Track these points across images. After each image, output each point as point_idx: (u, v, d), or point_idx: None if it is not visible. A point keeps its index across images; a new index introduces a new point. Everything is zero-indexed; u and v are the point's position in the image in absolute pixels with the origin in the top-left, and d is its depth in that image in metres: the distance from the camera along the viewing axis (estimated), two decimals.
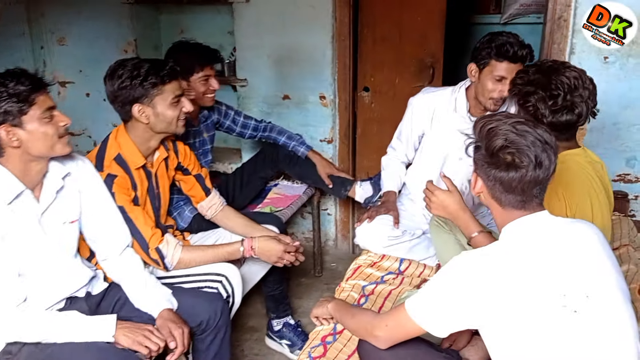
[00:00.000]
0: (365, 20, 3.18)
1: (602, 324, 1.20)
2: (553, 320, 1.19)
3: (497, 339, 1.27)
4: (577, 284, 1.21)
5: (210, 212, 2.35)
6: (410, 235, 2.41)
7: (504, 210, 1.34)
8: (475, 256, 1.29)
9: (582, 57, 2.62)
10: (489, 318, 1.24)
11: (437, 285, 1.32)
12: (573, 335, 1.19)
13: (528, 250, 1.26)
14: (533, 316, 1.19)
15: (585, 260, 1.26)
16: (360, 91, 3.31)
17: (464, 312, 1.27)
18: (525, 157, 1.26)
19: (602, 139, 2.71)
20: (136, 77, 1.91)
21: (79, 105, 3.79)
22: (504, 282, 1.22)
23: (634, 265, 2.16)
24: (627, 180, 2.73)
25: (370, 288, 2.15)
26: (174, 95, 1.99)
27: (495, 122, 1.33)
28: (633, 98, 2.61)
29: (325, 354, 1.76)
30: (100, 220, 1.89)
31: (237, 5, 3.25)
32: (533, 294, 1.20)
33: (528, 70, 1.80)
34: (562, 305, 1.18)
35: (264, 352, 2.66)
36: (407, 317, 1.35)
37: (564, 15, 2.61)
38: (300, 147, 2.95)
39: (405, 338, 1.42)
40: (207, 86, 2.53)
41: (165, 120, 2.00)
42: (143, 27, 3.63)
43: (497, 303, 1.22)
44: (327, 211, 3.56)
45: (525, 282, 1.21)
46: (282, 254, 2.14)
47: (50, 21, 3.66)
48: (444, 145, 2.41)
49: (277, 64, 3.29)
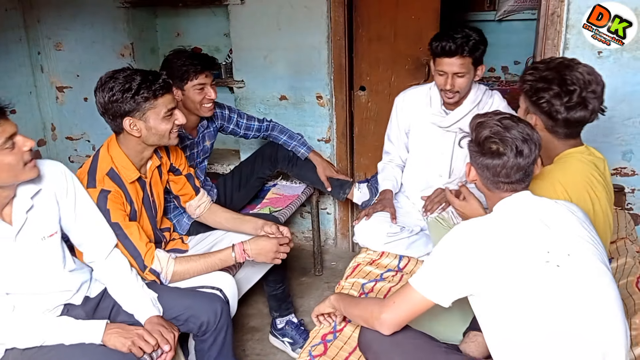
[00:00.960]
0: (360, 19, 3.19)
1: (583, 277, 1.34)
2: (538, 275, 1.32)
3: (488, 304, 1.38)
4: (560, 243, 1.36)
5: (198, 210, 2.35)
6: (409, 232, 2.43)
7: (493, 193, 1.51)
8: (470, 226, 1.43)
9: (576, 52, 2.63)
10: (484, 281, 1.36)
11: (437, 256, 1.44)
12: (557, 287, 1.31)
13: (516, 219, 1.41)
14: (521, 273, 1.32)
15: (566, 227, 1.40)
16: (357, 90, 3.33)
17: (462, 278, 1.39)
18: (507, 146, 1.43)
19: (597, 132, 2.71)
20: (128, 90, 1.86)
21: (77, 110, 3.82)
22: (496, 247, 1.36)
23: (631, 259, 2.17)
24: (623, 174, 2.74)
25: (369, 286, 2.17)
26: (167, 108, 1.94)
27: (484, 117, 1.52)
28: (628, 92, 2.62)
29: (326, 352, 1.77)
30: (82, 224, 1.85)
31: (233, 7, 3.27)
32: (520, 253, 1.34)
33: (538, 67, 1.80)
34: (546, 260, 1.32)
35: (265, 351, 2.67)
36: (413, 290, 1.45)
37: (557, 11, 2.62)
38: (300, 147, 2.94)
39: (413, 315, 1.48)
40: (203, 95, 2.45)
41: (158, 133, 1.96)
42: (139, 31, 3.65)
43: (490, 266, 1.35)
44: (326, 210, 3.57)
45: (514, 245, 1.35)
46: (277, 251, 2.11)
47: (47, 27, 3.68)
48: (425, 139, 2.51)
49: (274, 65, 3.30)
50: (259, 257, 2.11)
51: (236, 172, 3.01)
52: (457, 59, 2.21)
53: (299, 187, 3.19)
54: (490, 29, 4.79)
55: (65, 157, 3.98)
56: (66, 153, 3.98)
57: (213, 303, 1.98)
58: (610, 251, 2.25)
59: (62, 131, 3.94)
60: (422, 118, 2.49)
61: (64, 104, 3.85)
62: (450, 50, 2.20)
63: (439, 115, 2.43)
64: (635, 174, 2.73)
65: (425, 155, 2.52)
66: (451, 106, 2.41)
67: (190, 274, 2.04)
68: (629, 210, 2.75)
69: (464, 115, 2.36)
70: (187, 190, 2.31)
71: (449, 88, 2.28)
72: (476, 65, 2.29)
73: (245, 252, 2.08)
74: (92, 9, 3.56)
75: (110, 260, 1.91)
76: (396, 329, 1.51)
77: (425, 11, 3.09)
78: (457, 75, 2.25)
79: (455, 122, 2.39)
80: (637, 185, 2.74)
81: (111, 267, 1.90)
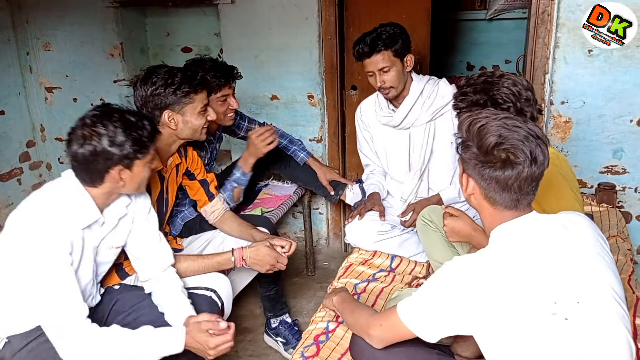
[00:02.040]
0: (351, 19, 3.19)
1: (593, 329, 1.18)
2: (544, 328, 1.17)
3: (490, 343, 1.25)
4: (568, 289, 1.19)
5: (212, 216, 2.35)
6: (400, 230, 2.44)
7: (495, 210, 1.31)
8: (467, 262, 1.28)
9: (567, 50, 2.64)
10: (480, 324, 1.24)
11: (429, 291, 1.32)
12: (564, 342, 1.17)
13: (518, 256, 1.24)
14: (524, 323, 1.18)
15: (576, 262, 1.23)
16: (348, 90, 3.32)
17: (454, 318, 1.26)
18: (521, 152, 1.23)
19: (588, 131, 2.73)
20: (170, 84, 1.94)
21: (66, 111, 3.78)
22: (494, 289, 1.21)
23: (622, 256, 2.19)
24: (614, 172, 2.75)
25: (362, 286, 2.16)
26: (203, 104, 2.04)
27: (484, 119, 1.31)
28: (618, 90, 2.63)
29: (318, 353, 1.76)
30: (144, 241, 1.91)
31: (223, 6, 3.25)
32: (524, 300, 1.18)
33: (466, 92, 1.78)
34: (553, 313, 1.16)
35: (258, 352, 2.66)
36: (399, 320, 1.36)
37: (547, 10, 2.63)
38: (300, 152, 2.97)
39: (398, 340, 1.42)
40: (226, 106, 2.50)
41: (192, 127, 2.04)
42: (129, 31, 3.62)
43: (487, 310, 1.21)
44: (318, 210, 3.56)
45: (516, 289, 1.19)
46: (274, 265, 2.12)
47: (35, 27, 3.65)
48: (384, 142, 2.61)
49: (265, 65, 3.29)
50: (254, 265, 2.13)
51: (228, 172, 2.98)
52: (375, 56, 2.33)
53: (290, 187, 3.18)
54: (481, 28, 4.80)
55: (54, 158, 3.94)
56: (55, 154, 3.94)
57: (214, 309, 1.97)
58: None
59: (51, 132, 3.90)
60: (377, 123, 2.59)
61: (53, 104, 3.82)
62: (365, 51, 2.34)
63: (388, 115, 2.52)
64: (626, 172, 2.74)
65: (389, 156, 2.62)
66: (397, 103, 2.48)
67: (188, 273, 2.05)
68: (620, 208, 2.77)
69: (410, 108, 2.44)
70: (200, 196, 2.33)
71: (380, 85, 2.38)
72: (402, 57, 2.36)
73: (243, 259, 2.10)
74: (81, 9, 3.53)
75: (165, 277, 1.93)
76: (386, 345, 1.46)
77: (416, 10, 3.09)
78: (383, 71, 2.35)
79: (404, 117, 2.46)
80: (627, 183, 2.75)
81: (165, 284, 1.91)
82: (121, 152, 1.62)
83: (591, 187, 2.79)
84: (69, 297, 1.59)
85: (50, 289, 1.56)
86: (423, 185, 2.55)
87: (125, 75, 3.62)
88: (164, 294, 1.90)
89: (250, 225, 2.35)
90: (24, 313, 1.66)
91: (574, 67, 2.66)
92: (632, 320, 1.76)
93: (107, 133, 1.60)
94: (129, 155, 1.63)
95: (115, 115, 1.63)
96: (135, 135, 1.64)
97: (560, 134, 2.77)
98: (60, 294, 1.57)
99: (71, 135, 1.65)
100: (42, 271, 1.56)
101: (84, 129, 1.62)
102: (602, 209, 2.61)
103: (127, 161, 1.64)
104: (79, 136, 1.62)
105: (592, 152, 2.75)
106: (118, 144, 1.61)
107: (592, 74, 2.64)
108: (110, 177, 1.66)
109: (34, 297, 1.58)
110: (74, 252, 1.64)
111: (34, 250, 1.55)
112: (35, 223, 1.58)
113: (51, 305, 1.57)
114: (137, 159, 1.67)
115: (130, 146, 1.62)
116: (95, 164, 1.62)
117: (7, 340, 1.66)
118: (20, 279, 1.59)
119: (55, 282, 1.57)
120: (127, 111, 1.68)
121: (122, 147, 1.61)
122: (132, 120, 1.65)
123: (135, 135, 1.64)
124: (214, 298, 2.04)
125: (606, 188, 2.66)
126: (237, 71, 2.53)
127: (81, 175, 1.67)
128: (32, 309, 1.62)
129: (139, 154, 1.66)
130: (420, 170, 2.49)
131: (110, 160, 1.62)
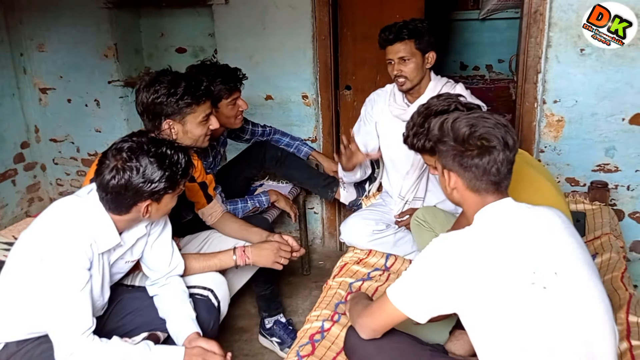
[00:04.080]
0: (345, 19, 3.20)
1: (572, 299, 1.25)
2: (524, 297, 1.23)
3: (474, 321, 1.30)
4: (546, 261, 1.27)
5: (210, 219, 2.35)
6: (395, 229, 2.45)
7: (478, 196, 1.38)
8: (452, 238, 1.34)
9: (559, 49, 2.66)
10: (465, 300, 1.28)
11: (416, 270, 1.36)
12: (543, 311, 1.23)
13: (498, 233, 1.32)
14: (505, 294, 1.24)
15: (551, 240, 1.32)
16: (343, 90, 3.33)
17: (441, 295, 1.31)
18: (494, 137, 1.33)
19: (580, 129, 2.75)
20: (173, 94, 1.93)
21: (60, 112, 3.78)
22: (478, 264, 1.27)
23: (615, 254, 2.19)
24: (606, 170, 2.77)
25: (357, 285, 2.17)
26: (205, 114, 2.03)
27: (453, 117, 1.41)
28: (610, 89, 2.64)
29: (314, 352, 1.77)
30: (159, 253, 1.91)
31: (217, 7, 3.26)
32: (504, 273, 1.25)
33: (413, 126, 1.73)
34: (532, 282, 1.24)
35: (253, 352, 2.66)
36: (389, 302, 1.38)
37: (539, 9, 2.65)
38: (303, 147, 3.06)
39: (388, 325, 1.45)
40: (236, 109, 2.51)
41: (193, 137, 2.03)
42: (123, 32, 3.62)
43: (471, 284, 1.26)
44: (313, 210, 3.57)
45: (497, 263, 1.26)
46: (277, 256, 2.12)
47: (29, 28, 3.64)
48: (390, 133, 2.56)
49: (259, 65, 3.29)
50: (259, 260, 2.12)
51: (223, 172, 3.00)
52: (398, 44, 2.35)
53: (286, 186, 3.18)
54: (474, 27, 4.83)
55: (49, 159, 3.94)
56: (50, 155, 3.94)
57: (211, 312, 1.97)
58: (594, 247, 2.27)
59: (45, 133, 3.90)
60: (387, 113, 2.57)
61: (48, 105, 3.82)
62: (389, 39, 2.36)
63: (400, 108, 2.50)
64: (619, 170, 2.75)
65: (393, 147, 2.56)
66: (412, 98, 2.47)
67: (189, 272, 2.04)
68: (613, 206, 2.78)
69: None
70: (198, 198, 2.32)
71: (396, 73, 2.39)
72: (424, 52, 2.37)
73: (245, 253, 2.10)
74: (74, 10, 3.53)
75: (171, 283, 1.93)
76: (373, 336, 1.48)
77: (409, 10, 3.09)
78: (402, 60, 2.36)
79: None
80: (620, 181, 2.77)
81: (170, 291, 1.91)
82: (153, 189, 1.59)
83: (584, 186, 2.81)
84: (80, 314, 1.57)
85: (64, 304, 1.55)
86: (422, 184, 2.53)
87: (119, 76, 3.61)
88: (168, 301, 1.89)
89: (249, 225, 2.35)
90: (25, 321, 1.66)
91: (567, 66, 2.67)
92: (626, 317, 1.78)
93: (141, 168, 1.56)
94: (160, 191, 1.61)
95: (151, 149, 1.58)
96: (169, 173, 1.60)
97: (553, 132, 2.79)
98: (72, 310, 1.56)
99: (102, 164, 1.60)
100: (59, 285, 1.54)
101: (117, 159, 1.57)
102: (594, 207, 2.62)
103: (156, 196, 1.62)
104: (111, 167, 1.57)
105: (584, 150, 2.77)
106: (151, 181, 1.57)
107: (584, 72, 2.65)
108: (137, 208, 1.64)
109: (43, 308, 1.57)
110: (92, 268, 1.63)
111: (54, 264, 1.54)
112: (57, 239, 1.57)
113: (61, 319, 1.56)
114: (167, 194, 1.65)
115: (163, 183, 1.59)
116: (124, 196, 1.59)
117: (4, 344, 1.66)
118: (30, 289, 1.58)
119: (70, 297, 1.55)
120: (163, 142, 1.64)
121: (154, 183, 1.58)
122: (168, 154, 1.61)
123: (169, 172, 1.60)
124: (211, 299, 2.04)
125: (599, 186, 2.68)
126: (241, 73, 2.53)
127: (107, 203, 1.64)
128: (36, 318, 1.61)
129: (169, 189, 1.63)
130: (420, 169, 2.49)
131: (140, 195, 1.60)
